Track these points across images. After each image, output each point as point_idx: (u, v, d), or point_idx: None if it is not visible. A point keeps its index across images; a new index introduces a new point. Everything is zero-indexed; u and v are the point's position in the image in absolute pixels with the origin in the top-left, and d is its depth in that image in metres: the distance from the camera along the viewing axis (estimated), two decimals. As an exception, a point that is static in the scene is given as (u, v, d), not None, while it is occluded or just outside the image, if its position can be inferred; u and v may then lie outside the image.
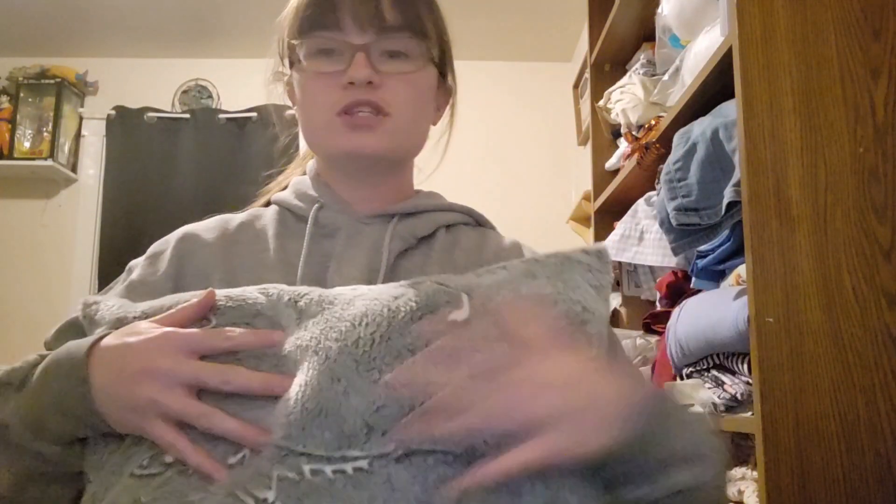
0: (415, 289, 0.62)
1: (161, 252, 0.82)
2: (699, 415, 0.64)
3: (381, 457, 0.55)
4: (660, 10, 1.70)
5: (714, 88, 1.29)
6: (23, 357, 0.68)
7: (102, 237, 3.30)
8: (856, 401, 0.99)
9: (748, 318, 1.04)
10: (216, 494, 0.55)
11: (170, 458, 0.58)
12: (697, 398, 1.24)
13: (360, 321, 0.59)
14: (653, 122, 1.70)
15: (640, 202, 1.87)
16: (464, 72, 0.90)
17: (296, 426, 0.56)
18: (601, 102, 2.09)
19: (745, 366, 1.13)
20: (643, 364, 1.66)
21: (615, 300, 2.16)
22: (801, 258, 1.02)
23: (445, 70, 0.86)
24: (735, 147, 1.16)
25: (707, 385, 1.24)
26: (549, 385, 0.55)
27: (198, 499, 0.56)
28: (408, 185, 0.88)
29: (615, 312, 2.16)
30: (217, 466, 0.56)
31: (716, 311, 1.20)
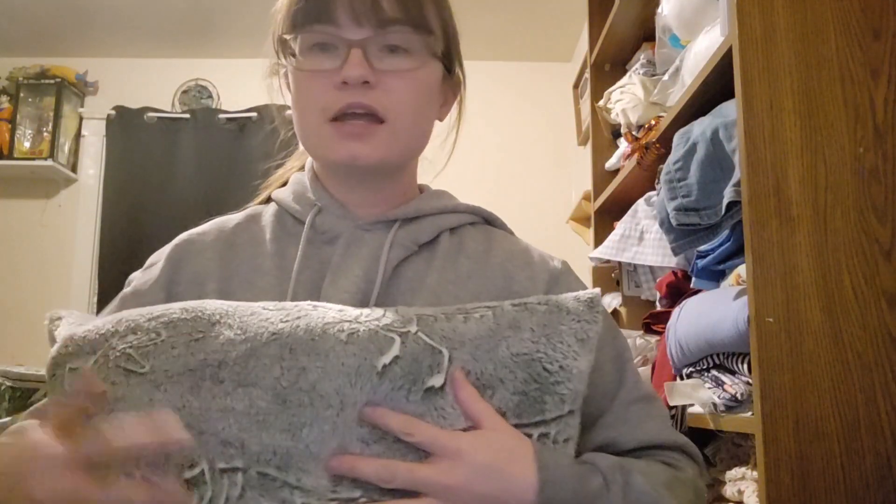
0: (401, 342, 0.64)
1: (155, 262, 0.80)
2: None
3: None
4: (660, 10, 1.70)
5: (714, 88, 1.29)
6: (23, 357, 0.68)
7: (102, 237, 3.30)
8: (856, 401, 0.99)
9: (748, 318, 1.04)
10: None
11: None
12: (697, 398, 1.24)
13: (355, 381, 0.62)
14: (653, 122, 1.70)
15: (640, 202, 1.87)
16: (463, 72, 0.88)
17: (295, 460, 0.60)
18: (601, 102, 2.09)
19: (745, 366, 1.13)
20: (643, 364, 1.66)
21: (615, 300, 2.16)
22: (801, 258, 1.02)
23: (452, 63, 0.81)
24: (735, 147, 1.16)
25: (707, 385, 1.24)
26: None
27: None
28: (411, 186, 0.85)
29: (615, 312, 2.16)
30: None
31: (716, 311, 1.20)
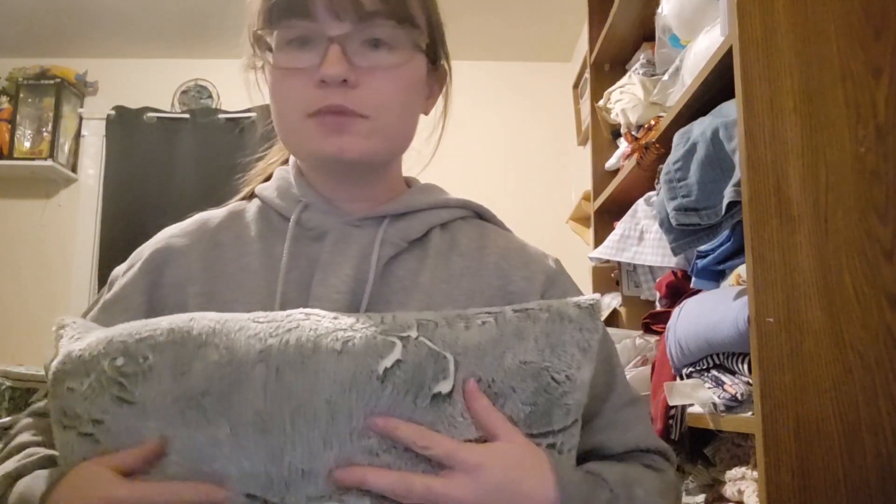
0: (403, 346, 0.62)
1: (135, 262, 0.78)
2: None
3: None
4: (660, 10, 1.69)
5: (714, 88, 1.29)
6: (22, 357, 0.69)
7: (102, 237, 3.30)
8: (856, 401, 0.99)
9: (748, 318, 1.04)
10: None
11: None
12: (697, 398, 1.23)
13: (350, 388, 0.60)
14: (653, 122, 1.70)
15: (640, 202, 1.87)
16: (464, 72, 0.87)
17: (277, 482, 0.59)
18: (601, 102, 2.09)
19: (745, 366, 1.13)
20: (643, 364, 1.66)
21: (615, 300, 2.16)
22: (802, 258, 1.02)
23: (437, 55, 0.78)
24: (735, 147, 1.16)
25: (707, 385, 1.24)
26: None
27: None
28: (397, 180, 0.83)
29: (615, 312, 2.16)
30: None
31: (716, 311, 1.20)
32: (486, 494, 0.60)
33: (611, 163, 2.16)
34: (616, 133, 2.14)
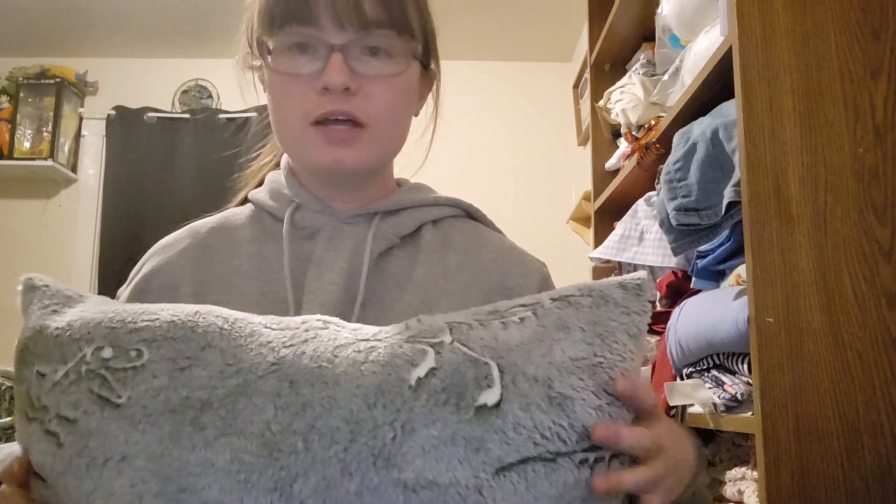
0: (436, 352, 0.54)
1: (132, 277, 0.79)
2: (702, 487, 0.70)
3: None
4: (660, 10, 1.70)
5: (714, 88, 1.29)
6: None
7: (102, 237, 3.30)
8: (856, 401, 0.99)
9: (748, 318, 1.04)
10: None
11: None
12: (697, 398, 1.24)
13: (376, 400, 0.51)
14: (653, 122, 1.70)
15: (640, 202, 1.87)
16: (464, 72, 0.88)
17: None
18: (601, 102, 2.09)
19: (745, 366, 1.13)
20: (643, 364, 1.66)
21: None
22: (801, 258, 1.02)
23: (429, 60, 0.79)
24: (735, 147, 1.16)
25: (707, 385, 1.24)
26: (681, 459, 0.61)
27: None
28: (389, 181, 0.83)
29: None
30: None
31: (716, 311, 1.20)
32: (673, 468, 0.60)
33: (611, 163, 2.16)
34: (616, 133, 2.14)
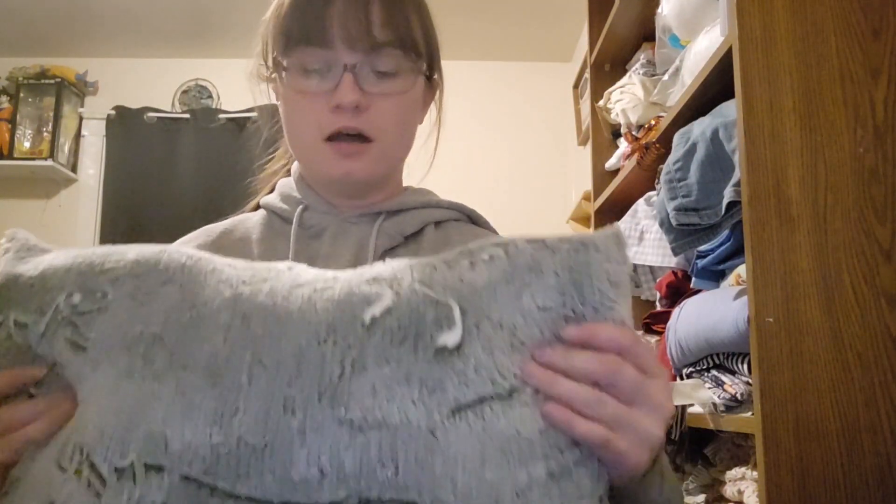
0: (393, 292, 0.52)
1: None
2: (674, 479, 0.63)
3: None
4: (660, 10, 1.70)
5: (714, 88, 1.29)
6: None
7: (102, 237, 3.30)
8: (856, 401, 0.99)
9: (748, 318, 1.04)
10: None
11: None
12: (697, 398, 1.24)
13: (326, 336, 0.50)
14: (653, 122, 1.70)
15: (640, 202, 1.87)
16: (464, 72, 0.89)
17: (226, 461, 0.47)
18: (601, 102, 2.09)
19: (745, 366, 1.13)
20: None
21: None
22: (801, 258, 1.02)
23: (433, 72, 0.83)
24: (735, 147, 1.16)
25: (707, 385, 1.24)
26: (658, 408, 0.54)
27: None
28: (396, 185, 0.87)
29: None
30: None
31: (716, 311, 1.20)
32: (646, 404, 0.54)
33: (611, 163, 2.16)
34: (616, 133, 2.14)
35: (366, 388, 0.49)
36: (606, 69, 2.27)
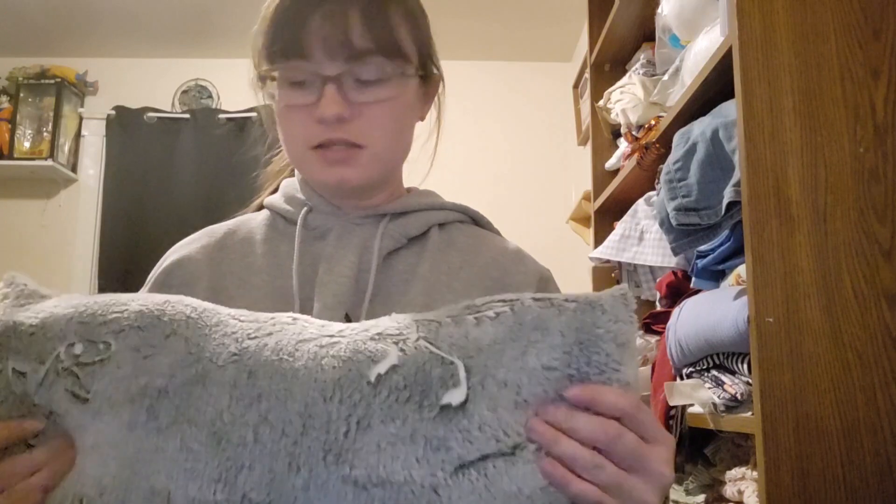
0: (398, 349, 0.52)
1: (152, 276, 0.82)
2: None
3: None
4: (660, 10, 1.70)
5: (714, 88, 1.29)
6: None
7: (102, 237, 3.29)
8: (856, 401, 0.99)
9: (748, 318, 1.04)
10: None
11: None
12: (697, 398, 1.24)
13: (332, 394, 0.50)
14: (653, 122, 1.70)
15: (640, 202, 1.87)
16: (464, 72, 0.88)
17: None
18: (601, 102, 2.09)
19: (745, 366, 1.13)
20: (643, 364, 1.66)
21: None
22: (801, 258, 1.02)
23: (428, 69, 0.81)
24: (735, 147, 1.16)
25: (707, 385, 1.24)
26: (656, 476, 0.54)
27: None
28: (398, 186, 0.87)
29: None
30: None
31: (716, 311, 1.20)
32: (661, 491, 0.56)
33: (611, 163, 2.16)
34: (616, 133, 2.14)
35: (371, 446, 0.49)
36: (606, 69, 2.27)
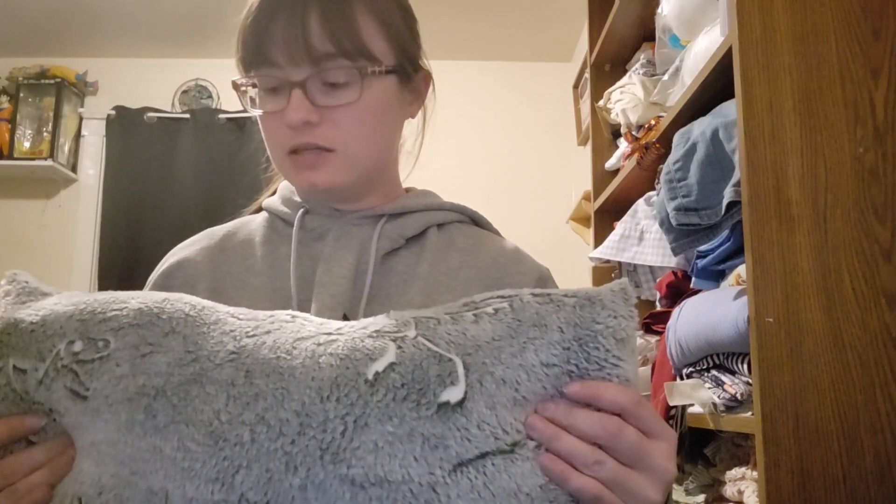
0: (396, 346, 0.52)
1: (152, 278, 0.83)
2: None
3: None
4: (660, 10, 1.70)
5: (714, 88, 1.29)
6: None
7: (102, 237, 3.30)
8: (856, 401, 0.99)
9: (748, 318, 1.04)
10: None
11: None
12: (697, 398, 1.24)
13: (330, 393, 0.50)
14: (653, 122, 1.70)
15: (640, 202, 1.87)
16: (464, 72, 0.88)
17: None
18: (601, 102, 2.09)
19: (745, 366, 1.13)
20: (643, 364, 1.66)
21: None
22: (801, 258, 1.02)
23: (408, 67, 0.80)
24: (735, 147, 1.16)
25: (707, 385, 1.24)
26: (657, 471, 0.54)
27: None
28: (393, 187, 0.86)
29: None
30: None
31: (716, 311, 1.20)
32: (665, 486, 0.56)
33: (611, 163, 2.16)
34: (616, 133, 2.14)
35: (368, 446, 0.49)
36: (606, 69, 2.27)
